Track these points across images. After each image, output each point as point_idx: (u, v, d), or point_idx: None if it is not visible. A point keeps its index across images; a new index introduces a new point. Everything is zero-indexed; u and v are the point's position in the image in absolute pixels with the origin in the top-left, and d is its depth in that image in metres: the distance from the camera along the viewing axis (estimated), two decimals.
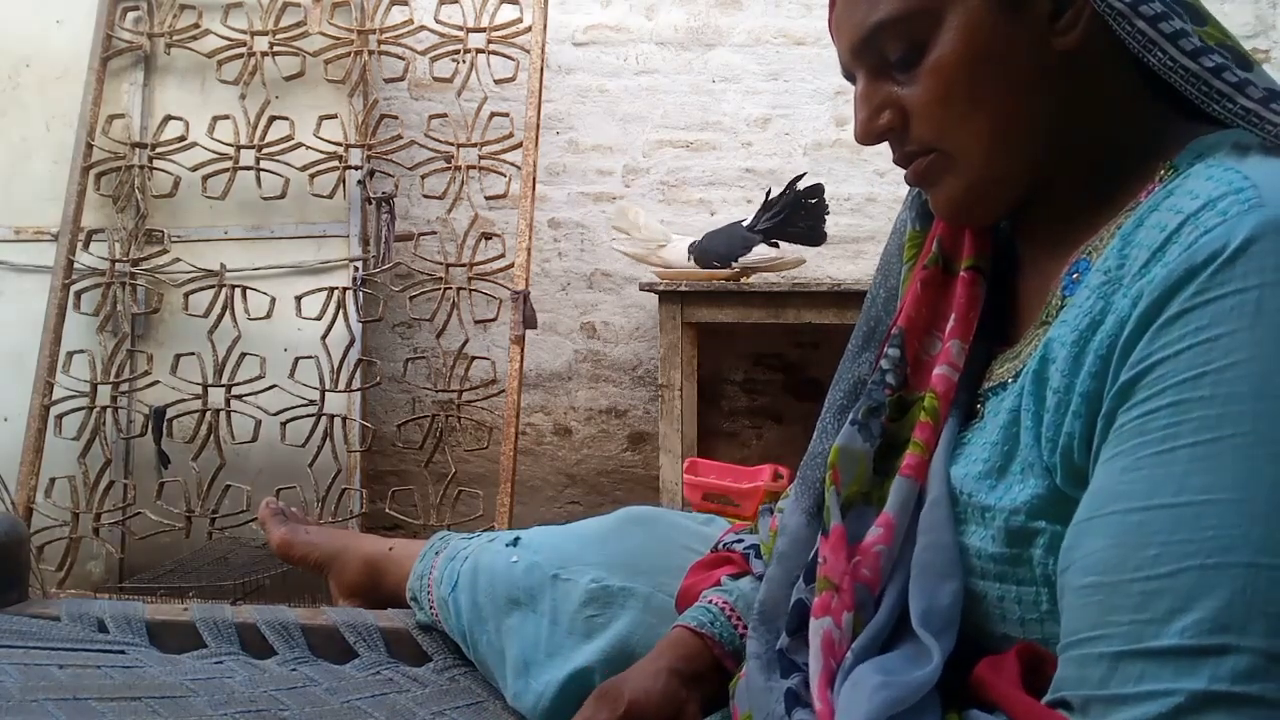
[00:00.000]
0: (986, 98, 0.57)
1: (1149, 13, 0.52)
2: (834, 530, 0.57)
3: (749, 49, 2.47)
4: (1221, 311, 0.44)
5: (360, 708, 0.88)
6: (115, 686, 0.87)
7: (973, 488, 0.56)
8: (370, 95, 2.20)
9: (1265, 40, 2.44)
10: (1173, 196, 0.49)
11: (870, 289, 0.73)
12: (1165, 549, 0.42)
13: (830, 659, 0.54)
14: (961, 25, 0.56)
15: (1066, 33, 0.55)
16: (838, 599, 0.55)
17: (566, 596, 0.88)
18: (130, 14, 2.22)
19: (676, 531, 0.93)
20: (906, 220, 0.70)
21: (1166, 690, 0.40)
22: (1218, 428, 0.43)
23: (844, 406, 0.68)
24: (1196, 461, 0.43)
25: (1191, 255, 0.45)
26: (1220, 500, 0.42)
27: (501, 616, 0.92)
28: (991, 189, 0.60)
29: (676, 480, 2.02)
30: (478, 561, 0.98)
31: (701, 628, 0.72)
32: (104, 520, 2.01)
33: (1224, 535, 0.41)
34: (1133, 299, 0.47)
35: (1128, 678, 0.42)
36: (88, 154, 2.13)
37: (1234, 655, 0.39)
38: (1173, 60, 0.51)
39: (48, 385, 2.01)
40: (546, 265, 2.48)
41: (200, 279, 2.12)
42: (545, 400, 2.49)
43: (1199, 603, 0.41)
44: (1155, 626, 0.42)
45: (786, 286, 2.06)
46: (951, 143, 0.59)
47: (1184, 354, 0.44)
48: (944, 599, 0.55)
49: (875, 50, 0.60)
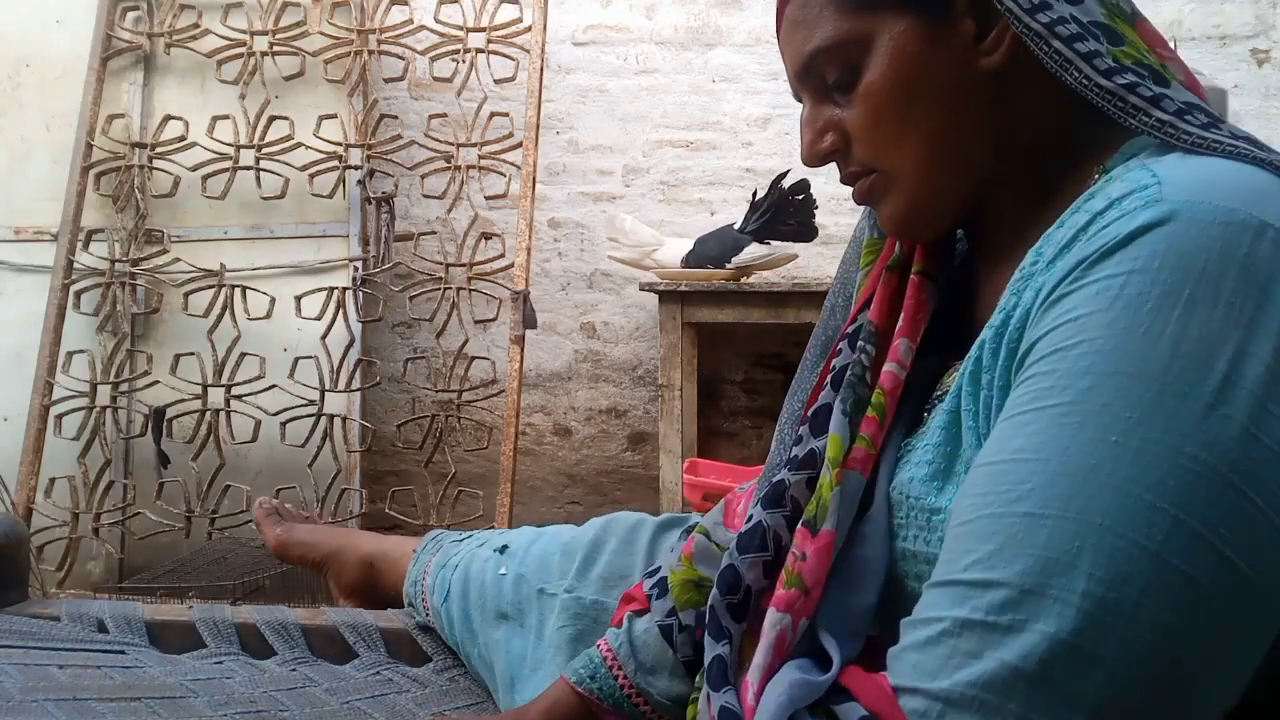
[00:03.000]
0: (918, 119, 0.58)
1: (1064, 34, 0.53)
2: (824, 533, 0.56)
3: (749, 49, 2.47)
4: (1088, 295, 0.46)
5: (360, 708, 0.88)
6: (115, 686, 0.87)
7: (919, 491, 0.56)
8: (370, 95, 2.20)
9: (1265, 40, 2.44)
10: (1093, 199, 0.51)
11: (828, 298, 0.74)
12: (974, 500, 0.47)
13: (777, 659, 0.54)
14: (889, 50, 0.58)
15: (991, 53, 0.57)
16: (804, 602, 0.55)
17: (549, 611, 0.88)
18: (130, 14, 2.22)
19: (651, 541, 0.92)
20: (864, 229, 0.72)
21: (939, 617, 0.45)
22: (1046, 397, 0.46)
23: (799, 416, 0.68)
24: (1019, 428, 0.46)
25: (1086, 247, 0.48)
26: (1024, 459, 0.45)
27: (490, 629, 0.92)
28: (932, 205, 0.61)
29: (676, 480, 2.02)
30: (468, 571, 0.98)
31: (581, 685, 0.72)
32: (104, 520, 2.01)
33: (1017, 489, 0.45)
34: (1035, 290, 0.50)
35: (926, 605, 0.47)
36: (87, 154, 2.13)
37: (994, 589, 0.43)
38: (1088, 79, 0.53)
39: (48, 385, 2.01)
40: (546, 265, 2.48)
41: (200, 279, 2.12)
42: (545, 400, 2.49)
43: (982, 545, 0.45)
44: (951, 564, 0.46)
45: (786, 286, 2.06)
46: (889, 163, 0.61)
47: (1051, 333, 0.47)
48: (857, 613, 0.56)
49: (816, 75, 0.62)
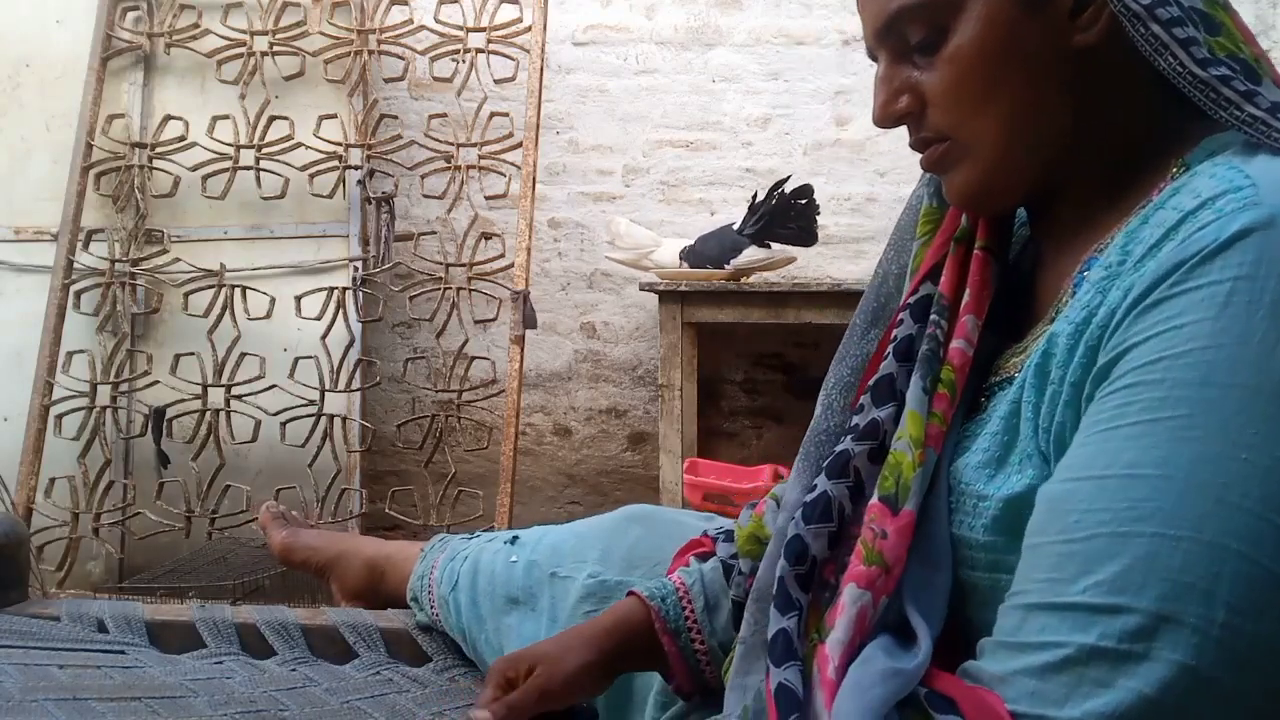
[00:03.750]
0: (1002, 89, 0.57)
1: (1164, 16, 0.52)
2: (905, 513, 0.56)
3: (749, 49, 2.47)
4: (1193, 301, 0.45)
5: (360, 708, 0.88)
6: (115, 686, 0.87)
7: (971, 477, 0.56)
8: (370, 95, 2.20)
9: (1266, 40, 2.44)
10: (1178, 195, 0.50)
11: (880, 265, 0.72)
12: (1085, 516, 0.45)
13: (859, 635, 0.54)
14: (982, 15, 0.56)
15: (1086, 29, 0.55)
16: (884, 580, 0.55)
17: (565, 594, 0.89)
18: (130, 14, 2.22)
19: (675, 527, 0.93)
20: (922, 197, 0.70)
21: (1059, 642, 0.43)
22: (1159, 409, 0.44)
23: (849, 384, 0.68)
24: (1132, 439, 0.45)
25: (1183, 249, 0.46)
26: (1142, 475, 0.44)
27: (500, 616, 0.92)
28: (1003, 180, 0.60)
29: (676, 480, 2.02)
30: (477, 561, 0.98)
31: (652, 600, 0.74)
32: (104, 520, 2.01)
33: (1138, 507, 0.43)
34: (1124, 290, 0.48)
35: (1032, 629, 0.45)
36: (87, 154, 2.13)
37: (1125, 615, 0.41)
38: (1183, 65, 0.52)
39: (48, 385, 2.01)
40: (546, 265, 2.48)
41: (200, 279, 2.12)
42: (545, 400, 2.49)
43: (1104, 566, 0.43)
44: (1063, 584, 0.44)
45: (786, 286, 2.06)
46: (966, 132, 0.59)
47: (1151, 340, 0.46)
48: (934, 588, 0.56)
49: (897, 33, 0.60)
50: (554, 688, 0.70)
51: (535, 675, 0.70)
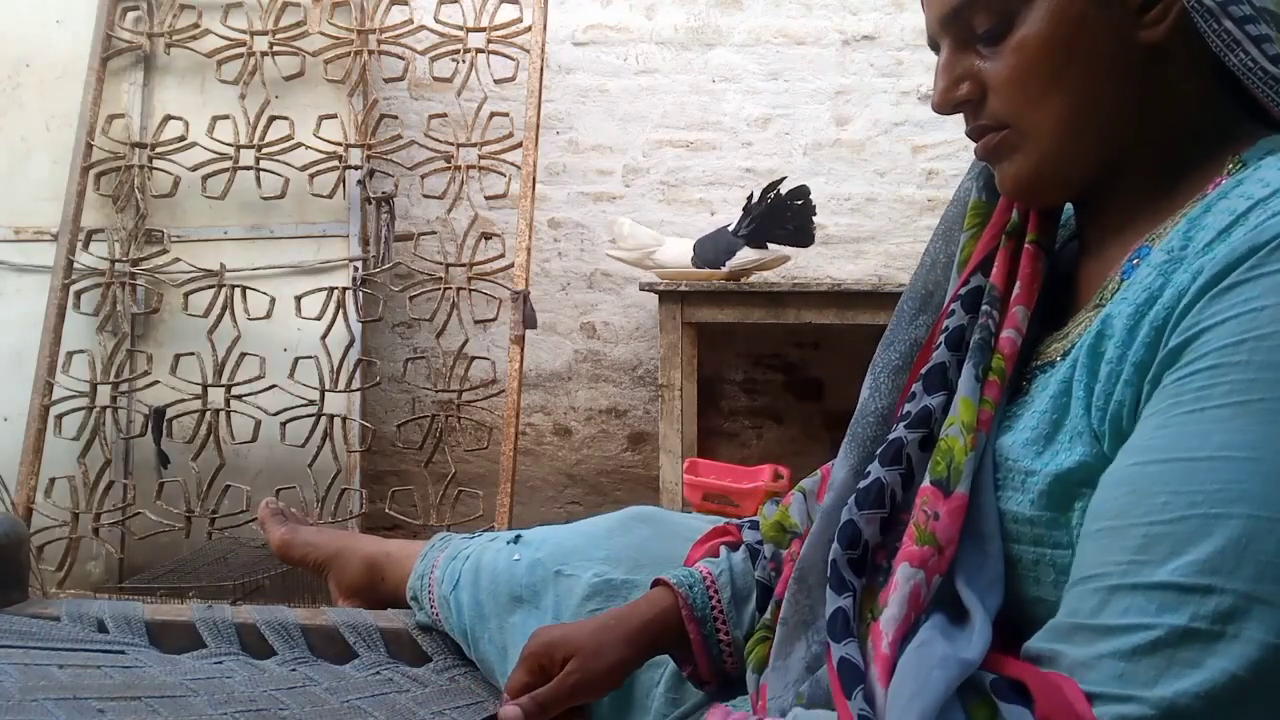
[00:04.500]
0: (1066, 81, 0.57)
1: (1238, 14, 0.53)
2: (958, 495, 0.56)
3: (749, 49, 2.47)
4: (1272, 285, 0.45)
5: (360, 708, 0.88)
6: (115, 686, 0.87)
7: (1018, 454, 0.56)
8: (370, 95, 2.20)
9: None
10: (1243, 185, 0.50)
11: (927, 252, 0.73)
12: (1174, 497, 0.44)
13: (913, 612, 0.54)
14: (1052, 7, 0.56)
15: (1154, 25, 0.56)
16: (937, 559, 0.55)
17: (569, 592, 0.89)
18: (130, 14, 2.22)
19: (682, 529, 0.94)
20: (970, 190, 0.70)
21: (1148, 624, 0.42)
22: (1249, 391, 0.44)
23: (898, 367, 0.68)
24: (1221, 421, 0.44)
25: (1257, 234, 0.47)
26: (1234, 458, 0.43)
27: (504, 614, 0.92)
28: (1059, 172, 0.61)
29: (676, 480, 2.02)
30: (479, 560, 0.98)
31: (679, 586, 0.75)
32: (104, 520, 2.01)
33: (1231, 489, 0.43)
34: (1193, 274, 0.49)
35: (1116, 610, 0.44)
36: (87, 154, 2.13)
37: (1217, 595, 0.41)
38: (1254, 61, 0.52)
39: (48, 385, 2.01)
40: (546, 265, 2.48)
41: (200, 279, 2.12)
42: (545, 400, 2.49)
43: (1195, 546, 0.43)
44: (1151, 566, 0.44)
45: (786, 286, 2.06)
46: (1025, 122, 0.59)
47: (1229, 321, 0.46)
48: (988, 560, 0.56)
49: (964, 21, 0.60)
50: (587, 684, 0.69)
51: (569, 671, 0.69)
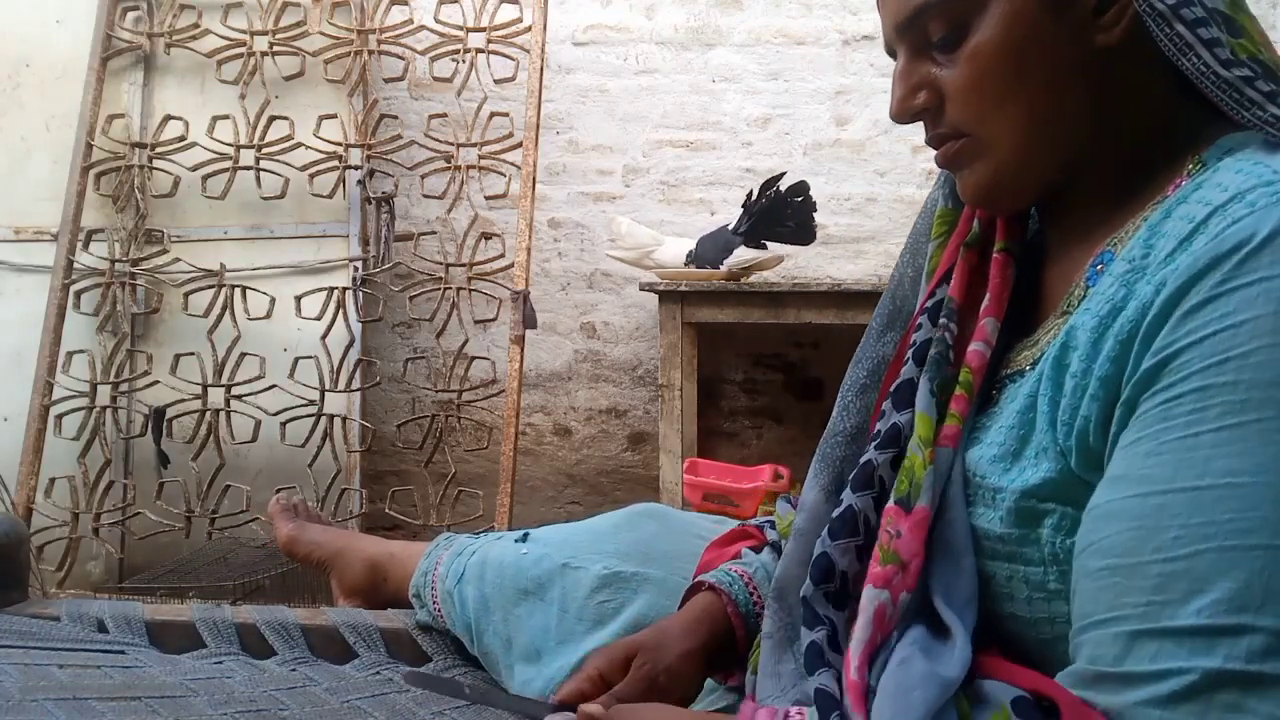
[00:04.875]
0: (1023, 88, 0.57)
1: (1189, 17, 0.52)
2: (919, 510, 0.56)
3: (749, 49, 2.47)
4: (1247, 298, 0.44)
5: (360, 708, 0.88)
6: (115, 686, 0.87)
7: (986, 470, 0.56)
8: (370, 95, 2.20)
9: None
10: (1201, 189, 0.50)
11: (896, 268, 0.72)
12: (1185, 531, 0.43)
13: (879, 632, 0.54)
14: (1005, 13, 0.56)
15: (1109, 29, 0.55)
16: (901, 577, 0.55)
17: (577, 585, 0.89)
18: (130, 14, 2.22)
19: (689, 525, 0.94)
20: (937, 198, 0.70)
21: (1181, 669, 0.41)
22: (1242, 412, 0.43)
23: (865, 385, 0.68)
24: (1220, 446, 0.43)
25: (1218, 244, 0.46)
26: (1242, 484, 0.42)
27: (510, 607, 0.93)
28: (1019, 178, 0.60)
29: (676, 480, 2.02)
30: (486, 554, 0.99)
31: (720, 584, 0.74)
32: (104, 520, 2.01)
33: (1244, 518, 0.42)
34: (1156, 285, 0.48)
35: (1143, 656, 0.43)
36: (87, 154, 2.13)
37: (1249, 635, 0.40)
38: (1206, 66, 0.52)
39: (48, 385, 2.01)
40: (546, 265, 2.48)
41: (200, 279, 2.12)
42: (545, 400, 2.49)
43: (1216, 584, 0.41)
44: (1172, 607, 0.42)
45: (786, 286, 2.06)
46: (984, 129, 0.59)
47: (1208, 340, 0.45)
48: (962, 575, 0.56)
49: (918, 29, 0.60)
50: (660, 675, 0.67)
51: (639, 665, 0.67)
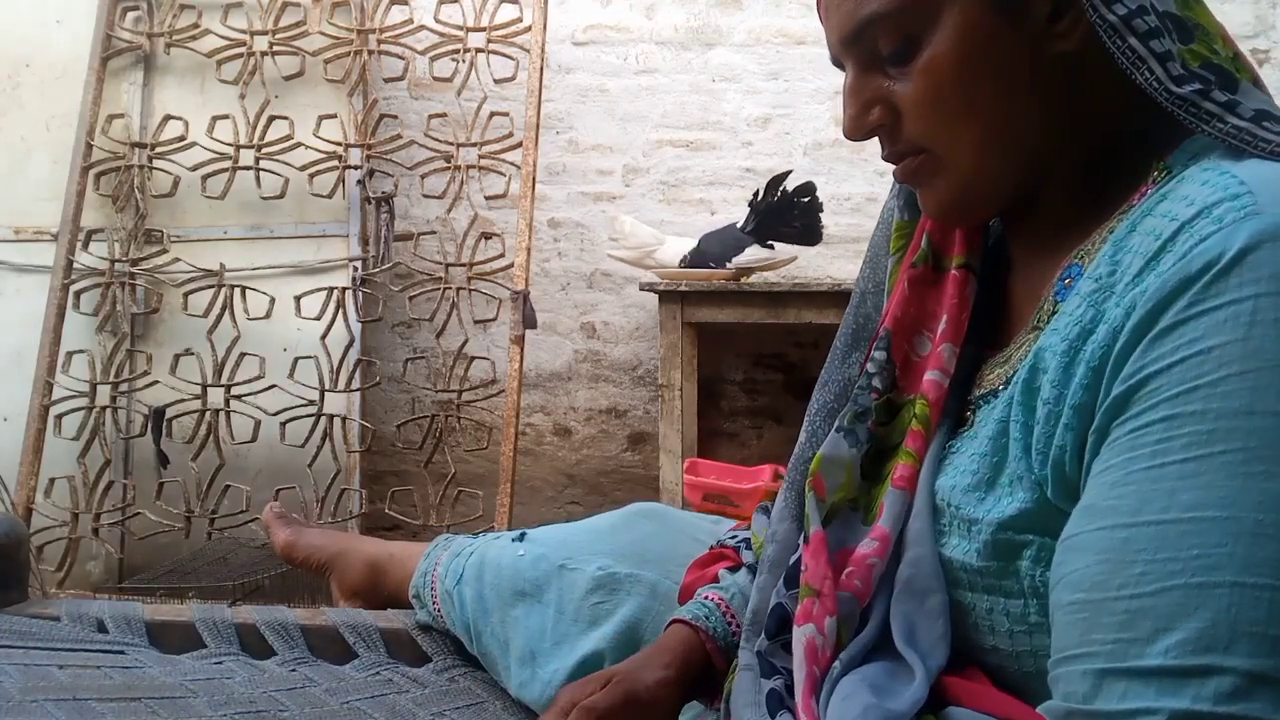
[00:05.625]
0: (981, 101, 0.55)
1: (1142, 28, 0.50)
2: (814, 536, 0.57)
3: (749, 49, 2.47)
4: (1215, 323, 0.43)
5: (360, 708, 0.88)
6: (115, 686, 0.87)
7: (960, 500, 0.55)
8: (370, 95, 2.20)
9: (1265, 40, 2.44)
10: (1166, 201, 0.48)
11: (857, 284, 0.71)
12: (1151, 566, 0.42)
13: (814, 666, 0.53)
14: (958, 24, 0.54)
15: (1065, 36, 0.54)
16: (819, 605, 0.55)
17: (572, 586, 0.89)
18: (130, 14, 2.22)
19: (685, 525, 0.94)
20: (894, 210, 0.69)
21: (1149, 709, 0.40)
22: (1209, 444, 0.42)
23: (833, 409, 0.67)
24: (1186, 478, 0.42)
25: (1186, 264, 0.44)
26: (1207, 518, 0.41)
27: (507, 608, 0.92)
28: (982, 191, 0.59)
29: (676, 480, 2.02)
30: (484, 555, 0.99)
31: (698, 621, 0.72)
32: (103, 520, 2.01)
33: (1210, 554, 0.41)
34: (1125, 308, 0.46)
35: (1112, 695, 0.42)
36: (87, 154, 2.13)
37: (1217, 676, 0.39)
38: (1159, 82, 0.50)
39: (47, 385, 2.01)
40: (546, 265, 2.48)
41: (200, 279, 2.12)
42: (545, 400, 2.49)
43: (1183, 622, 0.40)
44: (1139, 645, 0.41)
45: (786, 286, 2.06)
46: (943, 145, 0.57)
47: (1176, 367, 0.43)
48: (929, 615, 0.55)
49: (867, 43, 0.58)
50: (639, 693, 0.65)
51: (616, 682, 0.66)
